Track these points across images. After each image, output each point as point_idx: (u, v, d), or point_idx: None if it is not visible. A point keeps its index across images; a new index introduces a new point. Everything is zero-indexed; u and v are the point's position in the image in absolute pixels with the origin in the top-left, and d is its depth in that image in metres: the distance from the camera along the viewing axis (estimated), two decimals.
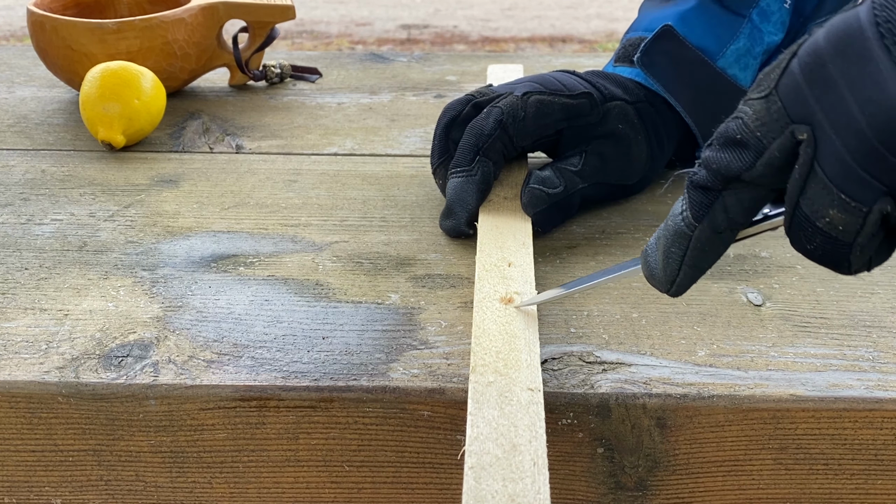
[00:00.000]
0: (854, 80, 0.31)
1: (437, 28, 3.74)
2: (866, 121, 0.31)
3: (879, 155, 0.31)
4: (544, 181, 0.57)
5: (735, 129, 0.35)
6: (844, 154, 0.32)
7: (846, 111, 0.31)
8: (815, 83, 0.32)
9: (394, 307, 0.51)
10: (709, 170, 0.36)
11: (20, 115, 0.79)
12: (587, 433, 0.44)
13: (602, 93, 0.60)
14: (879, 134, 0.31)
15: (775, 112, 0.34)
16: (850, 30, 0.32)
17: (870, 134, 0.31)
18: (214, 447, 0.45)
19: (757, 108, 0.34)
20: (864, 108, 0.31)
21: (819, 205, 0.33)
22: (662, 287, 0.39)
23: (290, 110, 0.81)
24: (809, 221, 0.34)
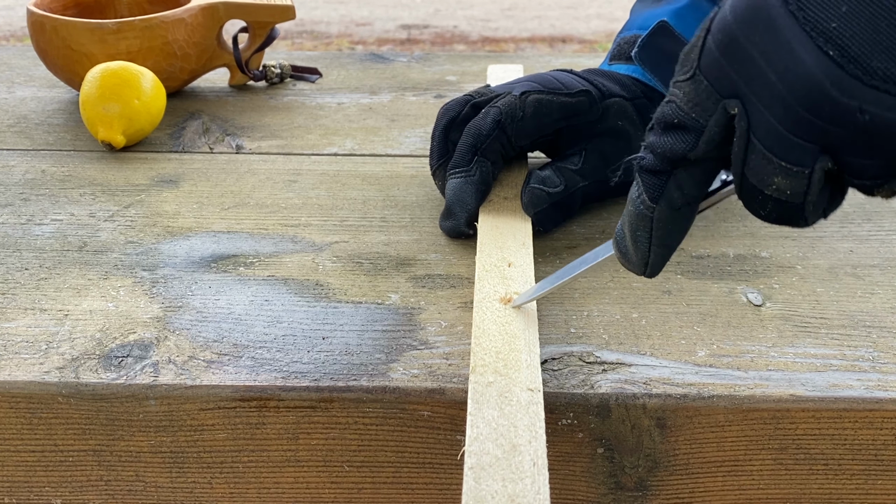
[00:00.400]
0: (768, 52, 0.31)
1: (437, 28, 3.74)
2: (786, 90, 0.31)
3: (807, 120, 0.31)
4: (544, 180, 0.57)
5: (671, 114, 0.35)
6: (775, 124, 0.32)
7: (767, 83, 0.32)
8: (733, 58, 0.33)
9: (394, 307, 0.51)
10: (655, 154, 0.36)
11: (20, 115, 0.79)
12: (587, 433, 0.44)
13: (600, 90, 0.60)
14: (801, 101, 0.31)
15: (703, 91, 0.34)
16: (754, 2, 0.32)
17: (793, 102, 0.31)
18: (214, 447, 0.45)
19: (686, 90, 0.35)
20: (782, 78, 0.31)
21: (763, 174, 0.33)
22: (637, 269, 0.40)
23: (290, 110, 0.81)
24: (757, 190, 0.34)
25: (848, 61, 0.30)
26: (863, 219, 0.61)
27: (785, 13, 0.31)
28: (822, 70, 0.30)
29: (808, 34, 0.30)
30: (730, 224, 0.61)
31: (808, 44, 0.30)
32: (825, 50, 0.30)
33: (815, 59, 0.30)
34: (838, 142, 0.31)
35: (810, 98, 0.31)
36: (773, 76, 0.31)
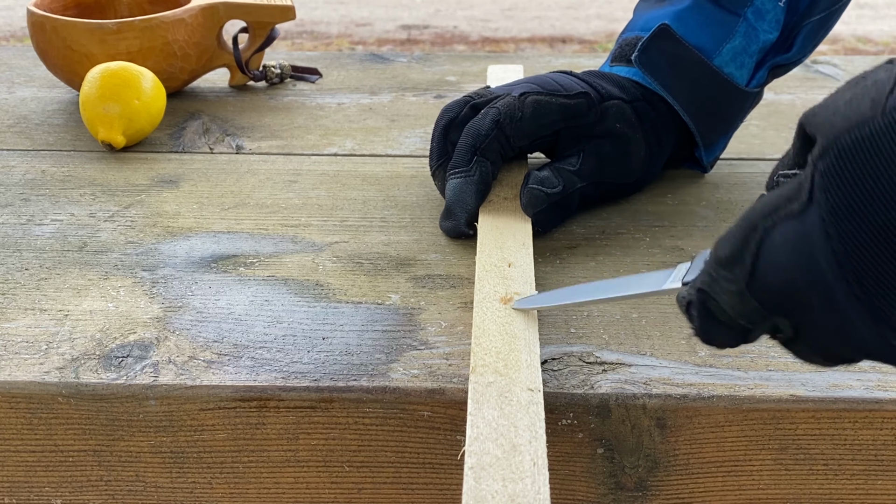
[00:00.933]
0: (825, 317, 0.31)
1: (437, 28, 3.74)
2: (840, 350, 0.33)
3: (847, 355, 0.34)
4: (543, 181, 0.57)
5: (716, 311, 0.35)
6: (821, 358, 0.34)
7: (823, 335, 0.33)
8: (787, 301, 0.33)
9: (394, 307, 0.51)
10: (710, 342, 0.37)
11: (20, 115, 0.79)
12: (587, 433, 0.44)
13: (599, 92, 0.60)
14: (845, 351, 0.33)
15: (752, 308, 0.34)
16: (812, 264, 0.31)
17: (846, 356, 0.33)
18: (214, 447, 0.45)
19: (733, 301, 0.34)
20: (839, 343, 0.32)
21: (806, 357, 0.35)
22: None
23: (290, 111, 0.81)
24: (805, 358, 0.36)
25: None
26: None
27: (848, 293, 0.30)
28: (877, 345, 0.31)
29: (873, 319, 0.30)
30: (730, 224, 0.61)
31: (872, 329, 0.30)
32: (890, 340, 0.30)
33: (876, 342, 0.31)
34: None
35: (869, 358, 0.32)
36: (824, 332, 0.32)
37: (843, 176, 0.28)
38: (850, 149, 0.28)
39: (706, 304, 0.36)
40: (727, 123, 0.66)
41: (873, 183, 0.28)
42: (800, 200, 0.30)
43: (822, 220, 0.29)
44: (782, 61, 0.65)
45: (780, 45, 0.64)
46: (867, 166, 0.28)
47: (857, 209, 0.28)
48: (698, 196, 0.65)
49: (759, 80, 0.65)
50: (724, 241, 0.35)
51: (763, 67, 0.65)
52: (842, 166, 0.28)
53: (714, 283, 0.35)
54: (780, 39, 0.64)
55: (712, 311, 0.35)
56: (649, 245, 0.58)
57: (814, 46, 0.64)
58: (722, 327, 0.36)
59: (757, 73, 0.65)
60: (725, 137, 0.68)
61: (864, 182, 0.28)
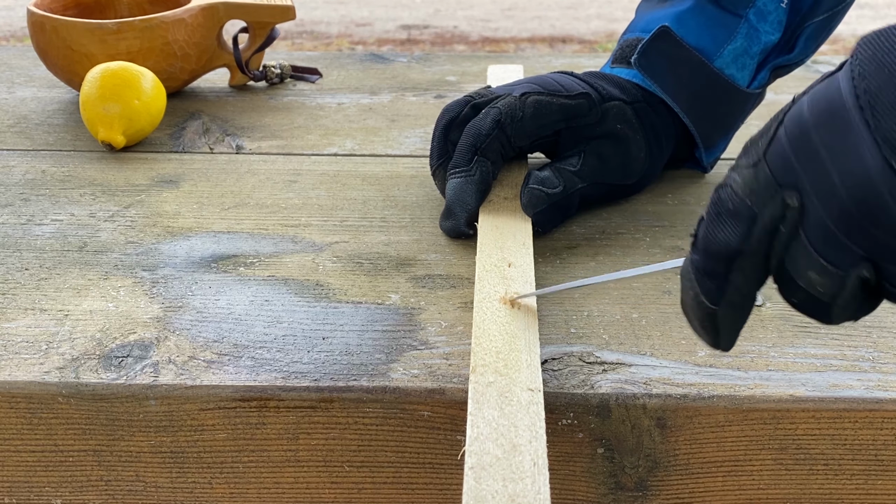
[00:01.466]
0: (835, 152, 0.32)
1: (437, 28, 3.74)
2: (846, 191, 0.32)
3: (858, 223, 0.32)
4: (543, 181, 0.57)
5: (726, 197, 0.36)
6: (826, 220, 0.33)
7: (828, 181, 0.32)
8: (800, 151, 0.33)
9: (394, 307, 0.51)
10: (708, 252, 0.36)
11: (20, 115, 0.79)
12: (587, 433, 0.44)
13: (600, 93, 0.60)
14: (858, 204, 0.31)
15: (763, 178, 0.35)
16: (833, 101, 0.33)
17: (849, 204, 0.32)
18: (214, 447, 0.45)
19: (746, 175, 0.35)
20: (844, 179, 0.32)
21: (800, 265, 0.34)
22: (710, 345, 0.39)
23: (290, 111, 0.81)
24: (791, 278, 0.35)
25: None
26: None
27: (859, 118, 0.31)
28: (883, 177, 0.31)
29: (876, 142, 0.31)
30: None
31: (874, 150, 0.31)
32: (890, 161, 0.31)
33: (878, 166, 0.31)
34: (884, 251, 0.32)
35: (866, 202, 0.31)
36: (836, 176, 0.32)
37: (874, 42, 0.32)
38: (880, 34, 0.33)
39: (719, 196, 0.36)
40: (728, 125, 0.66)
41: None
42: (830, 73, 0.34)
43: (850, 69, 0.32)
44: (784, 62, 0.65)
45: (781, 47, 0.64)
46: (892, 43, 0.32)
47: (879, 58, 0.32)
48: (698, 196, 0.65)
49: (760, 82, 0.65)
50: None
51: (765, 68, 0.65)
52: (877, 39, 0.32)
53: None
54: (781, 40, 0.64)
55: (723, 200, 0.36)
56: (649, 245, 0.58)
57: (816, 47, 0.64)
58: (727, 219, 0.35)
59: (758, 75, 0.65)
60: (726, 138, 0.68)
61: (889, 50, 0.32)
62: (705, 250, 0.36)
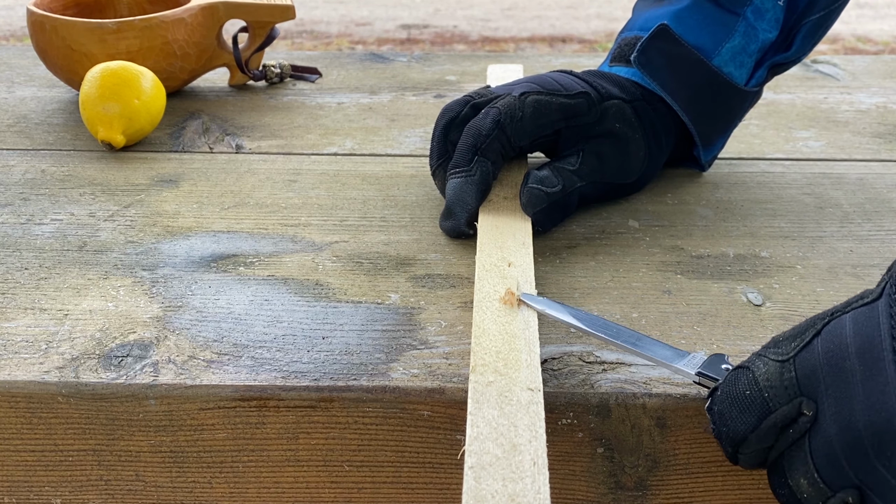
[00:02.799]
0: (866, 382, 0.34)
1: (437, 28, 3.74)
2: (864, 421, 0.34)
3: (864, 452, 0.34)
4: (543, 181, 0.57)
5: (744, 384, 0.38)
6: (834, 441, 0.35)
7: (850, 406, 0.34)
8: (831, 370, 0.35)
9: (394, 307, 0.51)
10: (719, 433, 0.39)
11: (20, 115, 0.79)
12: (587, 433, 0.44)
13: (599, 92, 0.60)
14: (872, 436, 0.33)
15: (787, 380, 0.37)
16: (873, 336, 0.35)
17: (864, 433, 0.34)
18: (214, 447, 0.45)
19: (771, 369, 0.37)
20: (867, 410, 0.34)
21: (796, 469, 0.36)
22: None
23: (290, 110, 0.81)
24: (783, 474, 0.37)
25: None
26: (863, 219, 0.61)
27: (892, 359, 0.33)
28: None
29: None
30: (730, 224, 0.61)
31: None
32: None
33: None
34: (878, 485, 0.33)
35: (880, 435, 0.33)
36: (859, 404, 0.34)
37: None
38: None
39: (738, 378, 0.38)
40: (726, 123, 0.66)
41: None
42: (870, 297, 0.36)
43: (889, 305, 0.34)
44: (782, 60, 0.65)
45: (779, 45, 0.64)
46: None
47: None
48: (698, 195, 0.65)
49: (758, 80, 0.65)
50: (786, 331, 0.39)
51: (762, 66, 0.65)
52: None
53: (758, 359, 0.38)
54: (779, 38, 0.64)
55: (740, 384, 0.38)
56: (649, 245, 0.58)
57: (813, 45, 0.64)
58: (741, 406, 0.38)
59: (756, 73, 0.65)
60: (724, 136, 0.68)
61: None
62: (717, 431, 0.39)
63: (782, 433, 0.37)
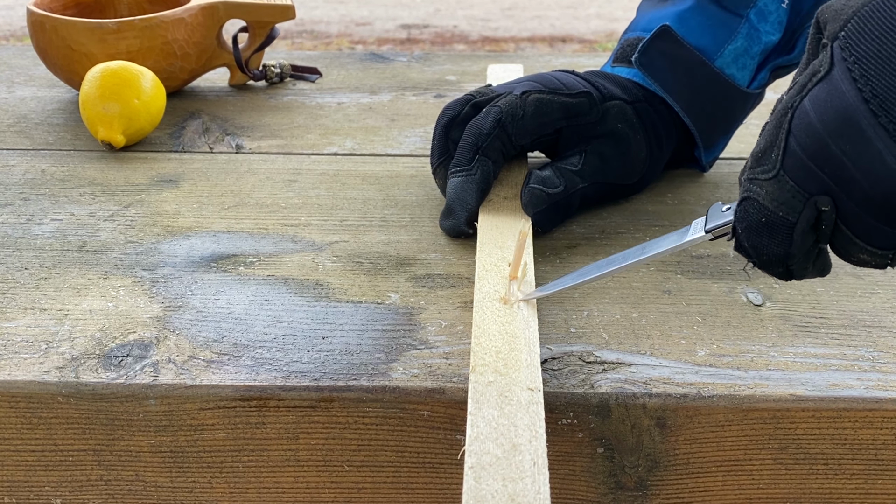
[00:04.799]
0: (859, 159, 0.35)
1: (437, 28, 3.74)
2: (880, 193, 0.35)
3: (891, 213, 0.35)
4: (544, 181, 0.57)
5: (755, 213, 0.38)
6: (862, 215, 0.36)
7: (859, 187, 0.35)
8: (822, 163, 0.36)
9: (394, 307, 0.51)
10: (762, 260, 0.40)
11: (20, 115, 0.79)
12: (587, 433, 0.44)
13: (601, 92, 0.60)
14: (886, 199, 0.35)
15: (789, 191, 0.37)
16: (842, 109, 0.35)
17: (881, 200, 0.35)
18: (214, 447, 0.45)
19: (770, 190, 0.38)
20: (873, 184, 0.34)
21: (850, 251, 0.38)
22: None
23: (290, 110, 0.81)
24: (844, 257, 0.39)
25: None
26: None
27: (874, 125, 0.34)
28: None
29: (889, 134, 0.33)
30: None
31: (893, 147, 0.34)
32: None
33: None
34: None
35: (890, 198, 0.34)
36: (864, 182, 0.35)
37: (864, 32, 0.34)
38: (870, 13, 0.34)
39: (747, 210, 0.39)
40: (728, 124, 0.66)
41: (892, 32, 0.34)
42: (823, 70, 0.35)
43: (848, 70, 0.34)
44: (784, 63, 0.65)
45: (782, 47, 0.64)
46: (885, 21, 0.34)
47: (879, 54, 0.34)
48: (698, 196, 0.65)
49: (760, 82, 0.65)
50: (758, 140, 0.39)
51: (765, 69, 0.65)
52: (863, 26, 0.34)
53: (752, 184, 0.38)
54: (782, 41, 0.64)
55: (753, 215, 0.38)
56: None
57: None
58: (766, 232, 0.38)
59: (758, 75, 0.65)
60: (726, 138, 0.68)
61: (884, 33, 0.34)
62: (760, 260, 0.40)
63: (818, 233, 0.38)
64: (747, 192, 0.39)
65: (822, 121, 0.35)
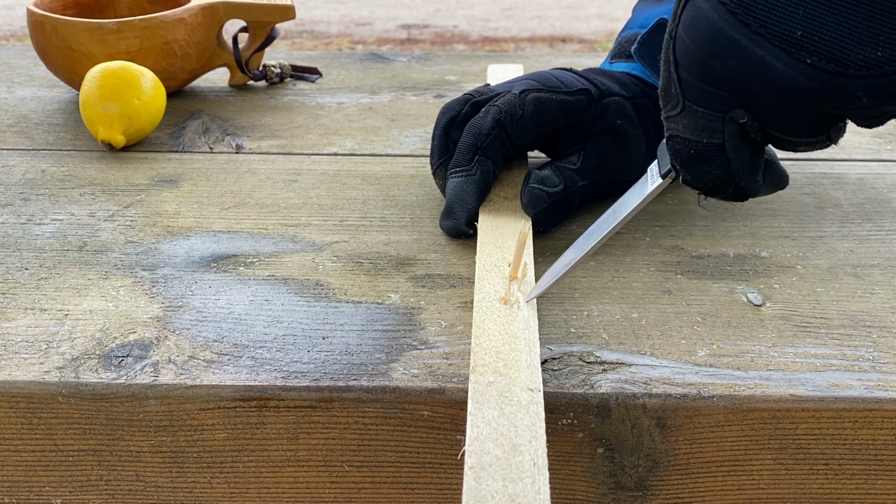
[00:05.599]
0: (748, 71, 0.35)
1: (437, 28, 3.74)
2: (777, 95, 0.35)
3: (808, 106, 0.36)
4: (544, 180, 0.57)
5: (683, 148, 0.39)
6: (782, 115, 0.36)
7: (760, 95, 0.35)
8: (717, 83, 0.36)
9: (394, 307, 0.51)
10: (708, 186, 0.40)
11: (20, 115, 0.79)
12: (587, 433, 0.44)
13: (599, 89, 0.60)
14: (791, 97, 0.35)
15: (703, 116, 0.37)
16: (712, 27, 0.35)
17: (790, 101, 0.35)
18: (214, 447, 0.45)
19: (685, 123, 0.38)
20: (768, 88, 0.35)
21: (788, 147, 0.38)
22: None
23: (290, 110, 0.81)
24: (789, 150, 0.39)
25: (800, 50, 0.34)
26: (863, 219, 0.61)
27: (748, 33, 0.34)
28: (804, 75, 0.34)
29: (783, 49, 0.34)
30: (730, 224, 0.61)
31: (785, 57, 0.34)
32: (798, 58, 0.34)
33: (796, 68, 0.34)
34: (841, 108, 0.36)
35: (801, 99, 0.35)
36: (762, 88, 0.35)
37: None
38: None
39: (676, 148, 0.39)
40: None
41: None
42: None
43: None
44: None
45: None
46: None
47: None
48: (698, 195, 0.65)
49: None
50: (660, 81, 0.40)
51: None
52: None
53: (669, 122, 0.39)
54: None
55: (683, 151, 0.39)
56: (649, 245, 0.58)
57: None
58: (700, 161, 0.38)
59: None
60: None
61: None
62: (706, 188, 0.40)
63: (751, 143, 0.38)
64: (668, 131, 0.39)
65: (697, 45, 0.35)
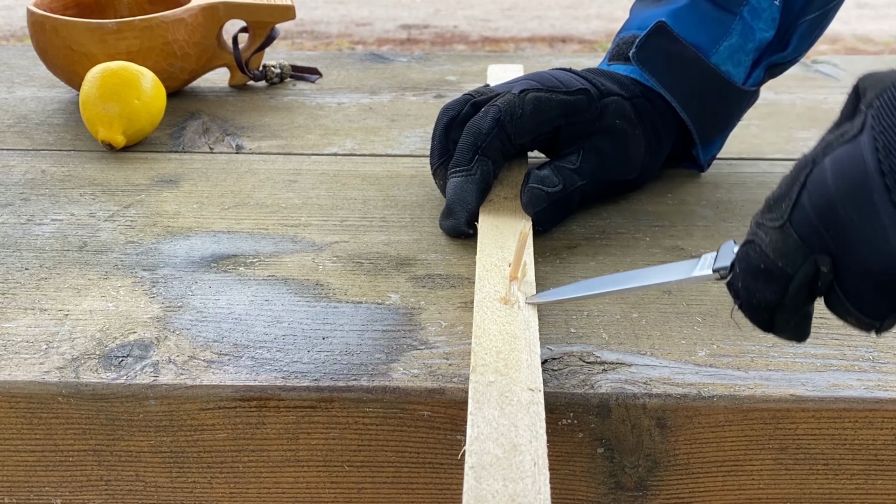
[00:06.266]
0: (863, 230, 0.35)
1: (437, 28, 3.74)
2: (876, 266, 0.35)
3: (886, 288, 0.35)
4: (543, 180, 0.57)
5: (756, 258, 0.38)
6: (859, 283, 0.36)
7: (859, 255, 0.35)
8: (828, 224, 0.36)
9: (394, 307, 0.51)
10: (751, 305, 0.39)
11: (20, 115, 0.79)
12: (587, 433, 0.44)
13: (599, 89, 0.60)
14: (886, 274, 0.35)
15: (792, 244, 0.37)
16: (857, 176, 0.34)
17: (878, 273, 0.35)
18: (214, 447, 0.45)
19: (774, 238, 0.38)
20: (872, 256, 0.34)
21: (839, 310, 0.38)
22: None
23: (290, 110, 0.81)
24: (833, 312, 0.39)
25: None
26: None
27: (884, 199, 0.34)
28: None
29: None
30: (730, 224, 0.61)
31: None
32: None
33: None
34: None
35: (891, 273, 0.34)
36: (865, 252, 0.35)
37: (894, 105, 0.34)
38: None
39: (748, 254, 0.38)
40: (724, 121, 0.66)
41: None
42: (851, 133, 0.35)
43: (873, 139, 0.34)
44: (779, 60, 0.65)
45: (776, 45, 0.65)
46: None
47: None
48: (698, 196, 0.65)
49: (755, 79, 0.65)
50: (776, 188, 0.38)
51: (759, 66, 0.65)
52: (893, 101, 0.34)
53: (759, 228, 0.38)
54: (776, 38, 0.64)
55: (754, 260, 0.38)
56: (649, 245, 0.58)
57: (809, 45, 0.65)
58: (763, 278, 0.38)
59: (753, 73, 0.65)
60: (722, 136, 0.68)
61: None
62: (748, 304, 0.39)
63: (812, 289, 0.38)
64: (752, 236, 0.39)
65: (836, 183, 0.35)
